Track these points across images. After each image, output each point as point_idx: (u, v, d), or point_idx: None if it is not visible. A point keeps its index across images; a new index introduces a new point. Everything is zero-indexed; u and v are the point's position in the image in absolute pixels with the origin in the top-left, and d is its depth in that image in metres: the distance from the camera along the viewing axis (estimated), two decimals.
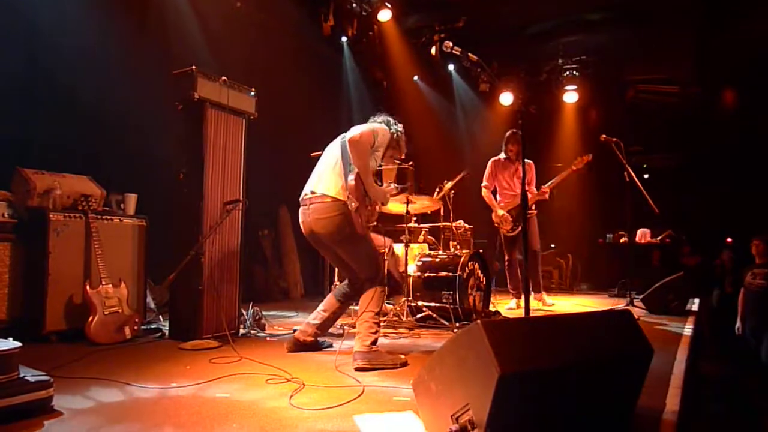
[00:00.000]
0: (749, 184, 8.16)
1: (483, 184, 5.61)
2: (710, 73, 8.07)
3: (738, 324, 5.00)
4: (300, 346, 3.31)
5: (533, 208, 5.44)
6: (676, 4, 6.78)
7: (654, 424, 2.02)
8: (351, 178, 2.97)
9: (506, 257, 5.55)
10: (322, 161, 3.17)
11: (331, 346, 3.47)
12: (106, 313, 3.42)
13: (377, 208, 3.22)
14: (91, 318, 3.35)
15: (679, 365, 2.88)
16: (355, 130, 3.01)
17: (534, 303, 5.35)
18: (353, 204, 2.92)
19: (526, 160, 5.13)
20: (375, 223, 3.33)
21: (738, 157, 8.45)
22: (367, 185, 3.01)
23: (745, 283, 4.97)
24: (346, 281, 3.38)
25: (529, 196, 5.25)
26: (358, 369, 2.81)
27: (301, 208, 3.14)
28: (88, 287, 3.42)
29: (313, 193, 3.06)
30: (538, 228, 5.55)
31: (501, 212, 5.49)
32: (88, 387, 2.41)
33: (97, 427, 1.93)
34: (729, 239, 8.50)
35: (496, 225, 5.58)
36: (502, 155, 5.63)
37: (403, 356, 2.98)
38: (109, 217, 3.84)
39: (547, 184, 5.44)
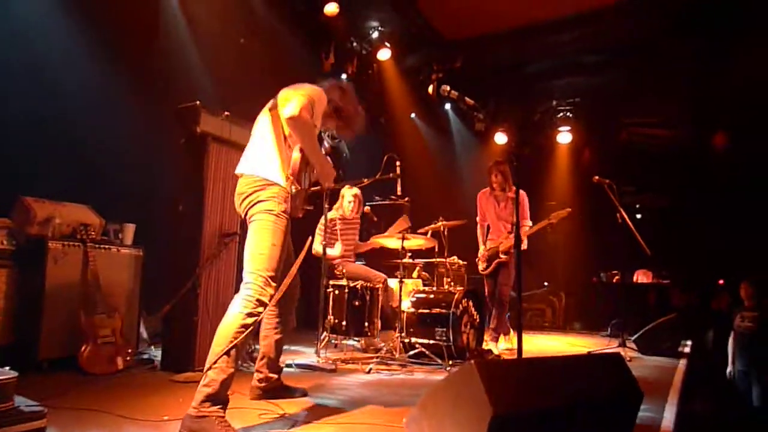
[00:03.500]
0: (741, 226, 8.28)
1: (477, 220, 5.43)
2: (703, 115, 8.28)
3: (729, 368, 5.02)
4: (262, 392, 2.91)
5: (510, 251, 5.01)
6: (670, 49, 7.01)
7: None
8: (296, 153, 2.50)
9: (486, 293, 5.24)
10: (251, 139, 2.69)
11: (305, 394, 3.04)
12: (99, 342, 3.41)
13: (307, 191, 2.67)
14: (84, 347, 3.34)
15: (670, 409, 2.89)
16: (292, 105, 2.42)
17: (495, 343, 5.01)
18: (295, 185, 2.48)
19: (520, 191, 5.10)
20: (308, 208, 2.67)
21: (730, 199, 8.60)
22: (316, 163, 2.59)
23: (734, 326, 5.02)
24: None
25: (509, 242, 5.01)
26: None
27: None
28: (82, 316, 3.42)
29: (238, 172, 2.61)
30: (524, 268, 5.17)
31: (480, 250, 5.29)
32: (80, 418, 2.40)
33: None
34: (721, 281, 8.58)
35: (476, 261, 5.37)
36: (485, 189, 5.37)
37: None
38: (106, 246, 3.86)
39: (527, 230, 5.09)
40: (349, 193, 5.09)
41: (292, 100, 2.47)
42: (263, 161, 2.53)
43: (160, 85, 4.94)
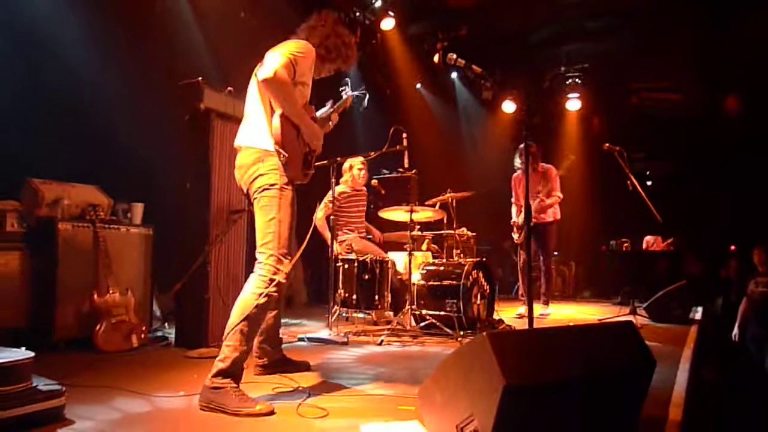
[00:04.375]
0: (753, 191, 8.17)
1: (512, 200, 6.01)
2: (714, 79, 8.10)
3: (735, 331, 5.02)
4: (263, 368, 2.88)
5: (548, 213, 5.73)
6: (679, 11, 6.82)
7: None
8: (276, 119, 2.40)
9: (520, 262, 5.90)
10: (246, 105, 2.64)
11: (308, 368, 3.01)
12: (113, 321, 3.45)
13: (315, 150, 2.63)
14: (98, 326, 3.39)
15: (682, 375, 2.90)
16: (267, 66, 2.37)
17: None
18: (283, 154, 2.40)
19: (546, 165, 5.77)
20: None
21: (742, 164, 8.47)
22: (300, 125, 2.50)
23: (748, 291, 4.99)
24: None
25: (535, 204, 5.49)
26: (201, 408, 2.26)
27: None
28: (95, 296, 3.45)
29: (235, 145, 2.58)
30: (555, 236, 5.92)
31: (514, 221, 5.90)
32: (98, 396, 2.44)
33: None
34: (733, 247, 8.52)
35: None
36: (518, 171, 5.91)
37: (259, 406, 2.19)
38: (116, 226, 3.87)
39: (549, 200, 5.71)
40: (357, 162, 5.06)
41: (268, 61, 2.41)
42: (257, 131, 2.48)
43: (164, 62, 4.88)
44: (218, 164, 3.70)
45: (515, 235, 5.87)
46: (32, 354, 2.06)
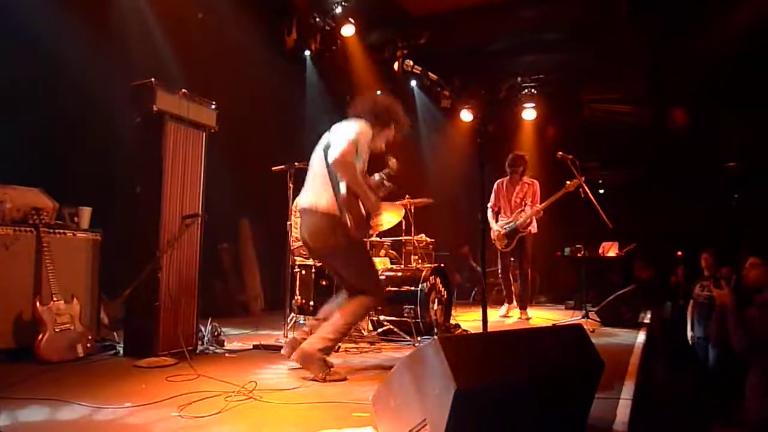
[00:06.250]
0: (700, 198, 8.54)
1: (488, 205, 5.97)
2: (662, 90, 8.43)
3: (690, 333, 5.21)
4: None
5: (532, 225, 5.85)
6: (629, 25, 7.07)
7: None
8: (342, 188, 2.94)
9: (500, 267, 6.07)
10: (310, 171, 3.16)
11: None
12: (57, 330, 3.30)
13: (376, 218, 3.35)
14: (41, 335, 3.23)
15: (630, 377, 2.98)
16: (335, 149, 2.89)
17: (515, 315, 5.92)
18: (348, 217, 2.91)
19: (530, 180, 5.93)
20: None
21: (689, 172, 8.84)
22: (363, 199, 3.01)
23: (694, 294, 5.19)
24: (345, 293, 3.28)
25: (525, 214, 5.77)
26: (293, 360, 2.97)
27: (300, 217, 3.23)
28: (38, 303, 3.29)
29: (305, 206, 3.05)
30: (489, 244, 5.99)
31: (496, 229, 5.85)
32: (38, 408, 2.32)
33: None
34: (679, 252, 8.86)
35: (492, 241, 5.92)
36: (503, 178, 6.02)
37: (340, 373, 2.87)
38: (61, 231, 3.71)
39: (540, 205, 5.80)
40: None
41: (336, 143, 2.91)
42: (329, 199, 2.96)
43: (117, 60, 4.74)
44: (171, 168, 3.61)
45: (502, 242, 5.86)
46: None
